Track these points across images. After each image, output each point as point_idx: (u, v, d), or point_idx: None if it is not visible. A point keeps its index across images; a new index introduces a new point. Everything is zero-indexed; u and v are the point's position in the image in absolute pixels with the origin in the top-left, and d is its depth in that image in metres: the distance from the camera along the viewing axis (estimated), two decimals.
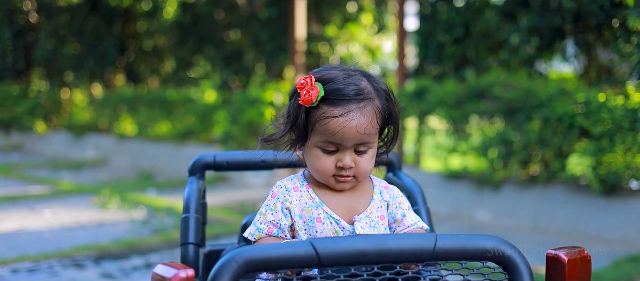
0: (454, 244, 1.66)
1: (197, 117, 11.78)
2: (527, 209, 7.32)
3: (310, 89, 2.05)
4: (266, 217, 2.11)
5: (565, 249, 1.79)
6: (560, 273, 1.76)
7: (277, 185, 2.16)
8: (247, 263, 1.59)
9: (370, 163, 2.12)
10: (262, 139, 2.18)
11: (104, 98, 14.29)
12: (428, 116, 8.52)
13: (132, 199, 8.84)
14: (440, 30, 8.76)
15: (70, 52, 15.27)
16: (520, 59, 8.04)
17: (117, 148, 13.38)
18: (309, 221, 2.09)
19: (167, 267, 1.63)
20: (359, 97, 2.06)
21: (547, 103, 7.04)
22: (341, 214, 2.11)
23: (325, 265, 1.62)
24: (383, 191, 2.21)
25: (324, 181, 2.12)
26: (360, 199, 2.16)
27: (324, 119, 2.05)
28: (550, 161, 7.20)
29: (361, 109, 2.05)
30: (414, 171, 8.54)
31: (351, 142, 2.05)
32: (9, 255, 6.09)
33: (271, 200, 2.13)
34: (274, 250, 1.61)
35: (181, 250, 2.39)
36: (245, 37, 12.42)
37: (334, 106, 2.05)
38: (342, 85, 2.06)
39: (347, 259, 1.63)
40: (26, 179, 10.76)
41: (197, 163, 2.75)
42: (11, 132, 16.12)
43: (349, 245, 1.63)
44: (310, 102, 2.04)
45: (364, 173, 2.11)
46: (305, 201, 2.11)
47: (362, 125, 2.04)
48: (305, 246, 1.62)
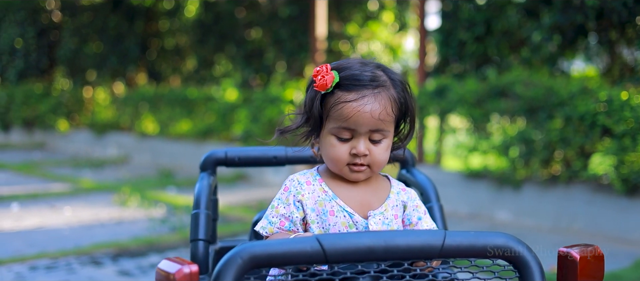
0: (462, 241, 1.63)
1: (217, 115, 11.80)
2: (548, 209, 7.25)
3: (325, 74, 2.04)
4: (278, 210, 2.09)
5: (577, 247, 1.76)
6: (572, 271, 1.72)
7: (290, 178, 2.14)
8: (252, 258, 1.57)
9: (385, 153, 2.09)
10: (279, 131, 2.17)
11: (125, 97, 14.35)
12: (449, 115, 8.46)
13: (152, 197, 8.86)
14: (461, 28, 8.69)
15: (92, 51, 15.35)
16: (542, 57, 7.96)
17: (138, 146, 13.44)
18: (321, 213, 2.06)
19: (171, 262, 1.61)
20: (374, 84, 2.05)
21: (569, 101, 6.96)
22: (355, 208, 2.08)
23: (331, 261, 1.60)
24: (400, 192, 2.18)
25: (338, 171, 2.09)
26: (375, 195, 2.13)
27: (338, 105, 2.03)
28: (572, 161, 7.12)
29: (376, 94, 2.04)
30: (434, 170, 8.49)
31: (365, 127, 2.03)
32: (27, 251, 6.12)
33: (283, 193, 2.11)
34: (280, 245, 1.58)
35: (191, 246, 2.37)
36: (266, 35, 12.42)
37: (348, 91, 2.04)
38: (357, 72, 2.06)
39: (354, 255, 1.60)
40: (48, 177, 10.82)
41: (209, 158, 2.73)
42: (34, 131, 16.24)
43: (356, 241, 1.60)
44: (325, 88, 2.03)
45: (378, 162, 2.08)
46: (318, 194, 2.09)
47: (376, 110, 2.02)
48: (312, 242, 1.59)
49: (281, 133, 2.17)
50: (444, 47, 9.00)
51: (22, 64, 16.28)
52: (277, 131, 2.19)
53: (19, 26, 16.20)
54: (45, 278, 5.38)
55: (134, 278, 5.42)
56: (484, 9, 8.54)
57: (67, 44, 15.51)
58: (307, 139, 2.15)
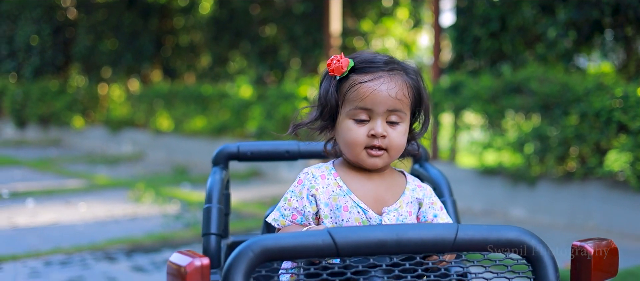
0: (475, 234, 1.62)
1: (232, 112, 11.81)
2: (563, 205, 7.21)
3: (340, 59, 2.05)
4: (291, 203, 2.08)
5: (591, 240, 1.74)
6: (585, 265, 1.70)
7: (304, 171, 2.12)
8: (263, 252, 1.56)
9: (402, 137, 2.07)
10: (294, 125, 2.16)
11: (140, 94, 14.40)
12: (463, 111, 8.43)
13: (166, 194, 8.88)
14: (476, 24, 8.66)
15: (108, 48, 15.41)
16: (558, 53, 7.91)
17: (153, 142, 13.48)
18: (335, 209, 2.04)
19: (182, 255, 1.61)
20: (389, 66, 2.05)
21: (585, 98, 6.92)
22: (369, 204, 2.06)
23: (343, 255, 1.59)
24: (416, 189, 2.15)
25: (355, 157, 2.07)
26: (390, 191, 2.11)
27: (354, 86, 2.03)
28: (587, 157, 7.08)
29: (391, 75, 2.04)
30: (449, 167, 8.47)
31: (382, 107, 2.02)
32: (42, 247, 6.15)
33: (297, 186, 2.09)
34: (291, 239, 1.58)
35: (203, 240, 2.37)
36: (281, 32, 12.42)
37: (364, 73, 2.05)
38: (371, 56, 2.07)
39: (366, 249, 1.59)
40: (63, 174, 10.87)
41: (221, 153, 2.73)
42: (50, 127, 16.32)
43: (368, 235, 1.59)
44: (341, 71, 2.03)
45: (396, 146, 2.06)
46: (333, 189, 2.07)
47: (392, 89, 2.02)
48: (323, 235, 1.58)
49: (296, 128, 2.16)
50: (459, 43, 8.97)
51: (38, 61, 16.35)
52: (291, 126, 2.18)
53: (35, 23, 16.28)
54: (60, 273, 5.40)
55: (147, 274, 5.43)
56: (498, 5, 8.50)
57: (83, 41, 15.57)
58: (322, 132, 2.14)
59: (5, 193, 8.86)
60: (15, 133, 17.19)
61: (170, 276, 1.60)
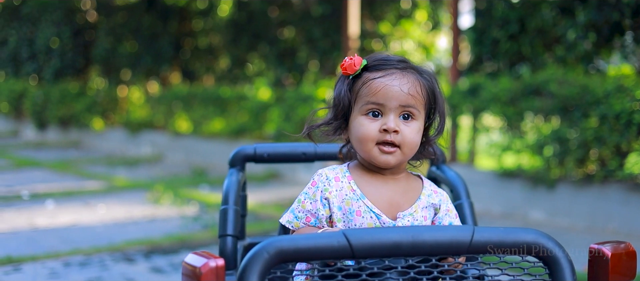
0: (491, 237, 1.61)
1: (250, 114, 11.83)
2: (582, 208, 7.16)
3: (353, 58, 2.05)
4: (304, 206, 2.07)
5: (609, 243, 1.72)
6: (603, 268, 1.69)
7: (318, 173, 2.11)
8: (278, 253, 1.56)
9: (416, 134, 2.05)
10: (309, 127, 2.16)
11: (159, 96, 14.45)
12: (482, 114, 8.39)
13: (185, 195, 8.91)
14: (495, 26, 8.62)
15: (127, 51, 15.48)
16: (577, 55, 7.86)
17: (172, 144, 13.52)
18: (348, 213, 2.03)
19: (197, 256, 1.61)
20: (402, 65, 2.05)
21: (604, 100, 6.87)
22: (383, 209, 2.04)
23: (358, 257, 1.59)
24: (432, 194, 2.14)
25: (367, 154, 2.05)
26: (405, 195, 2.09)
27: (367, 83, 2.04)
28: (607, 160, 7.03)
29: (403, 72, 2.04)
30: (468, 170, 8.44)
31: (395, 102, 2.01)
32: (62, 248, 6.19)
33: (311, 188, 2.08)
34: (307, 240, 1.58)
35: (219, 241, 2.38)
36: (299, 34, 12.43)
37: (376, 71, 2.05)
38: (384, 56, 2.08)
39: (381, 251, 1.59)
40: (82, 175, 10.94)
41: (238, 154, 2.73)
42: (70, 129, 16.42)
43: (383, 237, 1.59)
44: (354, 69, 2.04)
45: (410, 143, 2.04)
46: (346, 193, 2.05)
47: (405, 85, 2.02)
48: (338, 237, 1.58)
49: (310, 129, 2.16)
50: (478, 45, 8.93)
51: (59, 64, 16.46)
52: (306, 127, 2.17)
53: (55, 26, 16.39)
54: (79, 274, 5.43)
55: (165, 275, 5.45)
56: (517, 7, 8.46)
57: (102, 43, 15.66)
58: (336, 133, 2.14)
59: (26, 194, 8.92)
60: (35, 135, 17.31)
61: (185, 277, 1.61)
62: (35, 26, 17.16)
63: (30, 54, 17.43)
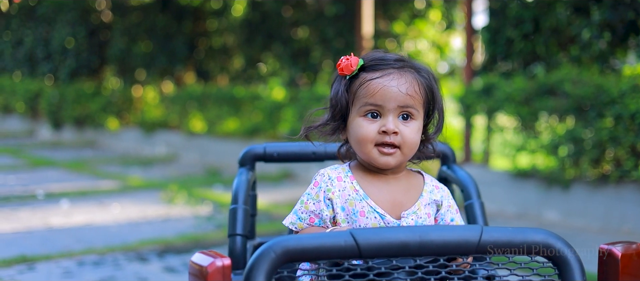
0: (500, 237, 1.60)
1: (264, 114, 11.84)
2: (597, 209, 7.12)
3: (349, 58, 2.03)
4: (308, 206, 2.05)
5: (620, 244, 1.71)
6: (613, 268, 1.67)
7: (320, 173, 2.10)
8: (285, 252, 1.56)
9: (416, 134, 2.03)
10: (306, 128, 2.15)
11: (174, 96, 14.49)
12: (496, 114, 8.36)
13: (199, 195, 8.93)
14: (509, 26, 8.58)
15: (142, 51, 15.53)
16: (592, 54, 7.81)
17: (186, 144, 13.56)
18: (351, 214, 2.01)
19: (204, 256, 1.61)
20: (399, 64, 2.04)
21: (619, 100, 6.82)
22: (387, 209, 2.03)
23: (365, 256, 1.58)
24: (434, 191, 2.12)
25: (367, 155, 2.03)
26: (408, 194, 2.07)
27: (364, 84, 2.02)
28: (623, 160, 6.98)
29: (401, 72, 2.02)
30: (482, 170, 8.41)
31: (393, 102, 1.99)
32: (75, 247, 6.21)
33: (314, 189, 2.07)
34: (313, 239, 1.57)
35: (229, 241, 2.37)
36: (313, 34, 12.43)
37: (373, 71, 2.03)
38: (381, 55, 2.06)
39: (388, 251, 1.58)
40: (97, 175, 10.98)
41: (247, 154, 2.73)
42: (85, 129, 16.49)
43: (391, 236, 1.58)
44: (350, 69, 2.02)
45: (409, 143, 2.02)
46: (349, 193, 2.04)
47: (403, 85, 2.00)
48: (345, 236, 1.58)
49: (307, 130, 2.15)
50: (492, 45, 8.89)
51: (74, 64, 16.53)
52: (303, 129, 2.16)
53: (71, 26, 16.46)
54: (93, 273, 5.45)
55: (179, 275, 5.46)
56: (532, 7, 8.41)
57: (117, 43, 15.71)
58: (334, 134, 2.13)
59: (41, 194, 8.97)
60: (51, 135, 17.40)
61: (192, 276, 1.61)
62: (50, 26, 17.24)
63: (45, 54, 17.52)
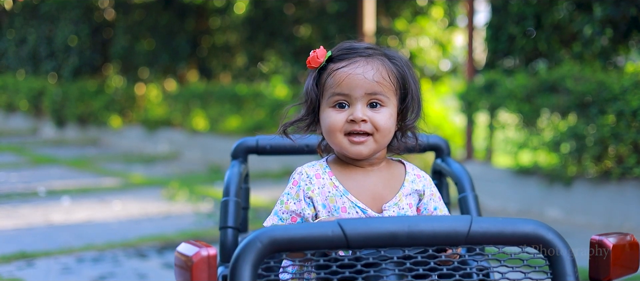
0: (490, 227, 1.58)
1: (267, 112, 11.83)
2: (600, 206, 7.09)
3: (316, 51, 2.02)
4: (288, 206, 2.02)
5: (612, 235, 1.68)
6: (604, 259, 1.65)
7: (298, 172, 2.06)
8: (271, 243, 1.54)
9: (387, 120, 1.99)
10: (283, 125, 2.13)
11: (177, 93, 14.48)
12: (498, 110, 8.33)
13: (200, 192, 8.92)
14: (511, 23, 8.55)
15: (144, 48, 15.52)
16: (594, 51, 7.78)
17: (189, 142, 13.55)
18: (333, 210, 1.98)
19: (190, 245, 1.59)
20: (366, 53, 2.01)
21: (621, 96, 6.79)
22: (368, 203, 2.00)
23: (353, 247, 1.56)
24: (415, 180, 2.08)
25: (338, 145, 2.00)
26: (388, 185, 2.04)
27: (331, 74, 1.99)
28: (625, 157, 6.95)
29: (368, 59, 1.99)
30: (484, 167, 8.38)
31: (360, 91, 1.96)
32: (75, 244, 6.21)
33: (293, 188, 2.04)
34: (300, 229, 1.55)
35: (220, 233, 2.36)
36: (315, 31, 12.41)
37: (340, 61, 2.01)
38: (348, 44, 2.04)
39: (377, 241, 1.56)
40: (99, 172, 10.98)
41: (240, 146, 2.71)
42: (88, 127, 16.49)
43: (379, 227, 1.56)
44: (317, 62, 2.00)
45: (382, 129, 1.98)
46: (329, 190, 2.01)
47: (369, 72, 1.96)
48: (333, 226, 1.56)
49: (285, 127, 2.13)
50: (493, 42, 8.86)
51: (77, 62, 16.53)
52: (280, 126, 2.15)
53: (74, 24, 16.46)
54: (92, 269, 5.45)
55: None
56: (533, 3, 8.38)
57: (120, 41, 15.71)
58: (309, 128, 2.10)
59: (42, 191, 8.97)
60: (54, 133, 17.40)
61: (177, 267, 1.59)
62: (53, 24, 17.25)
63: (49, 52, 17.52)
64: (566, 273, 1.58)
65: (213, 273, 1.53)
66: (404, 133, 2.09)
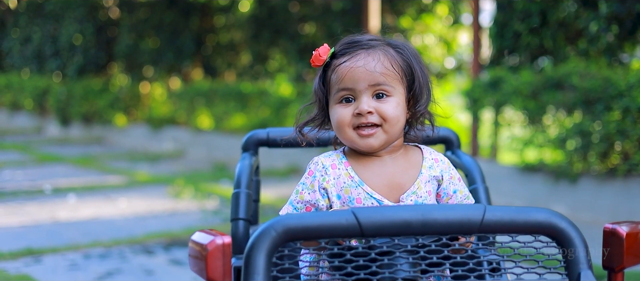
0: (503, 216, 1.58)
1: (271, 110, 11.83)
2: (605, 203, 7.08)
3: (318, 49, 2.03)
4: (302, 197, 2.01)
5: (625, 223, 1.68)
6: (618, 248, 1.64)
7: (314, 162, 2.06)
8: (286, 231, 1.55)
9: (395, 109, 1.98)
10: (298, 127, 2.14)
11: (181, 92, 14.49)
12: (503, 107, 8.32)
13: (206, 190, 8.93)
14: (516, 20, 8.54)
15: (149, 47, 15.53)
16: (600, 48, 7.77)
17: (193, 140, 13.56)
18: (348, 201, 1.98)
19: (204, 234, 1.60)
20: (368, 45, 2.01)
21: (627, 93, 6.79)
22: (384, 194, 1.98)
23: (367, 235, 1.56)
24: (433, 165, 2.06)
25: (349, 140, 2.00)
26: (406, 173, 2.02)
27: (334, 70, 2.00)
28: (631, 153, 6.95)
29: (369, 51, 1.99)
30: (490, 164, 8.38)
31: (363, 83, 1.96)
32: (82, 240, 6.22)
33: (308, 178, 2.03)
34: (314, 218, 1.56)
35: (231, 225, 2.36)
36: (320, 29, 12.41)
37: (342, 56, 2.01)
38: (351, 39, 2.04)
39: (390, 229, 1.56)
40: (104, 170, 10.99)
41: (250, 139, 2.71)
42: (93, 125, 16.50)
43: (393, 215, 1.57)
44: (321, 61, 2.01)
45: (390, 118, 1.97)
46: (344, 180, 2.00)
47: (370, 63, 1.96)
48: (347, 215, 1.56)
49: (299, 128, 2.14)
50: (499, 39, 8.86)
51: (81, 60, 16.55)
52: (295, 128, 2.15)
53: (78, 23, 16.48)
54: (99, 266, 5.46)
55: (184, 267, 5.46)
56: (539, 0, 8.37)
57: (125, 40, 15.72)
58: (321, 127, 2.11)
59: (48, 189, 8.98)
60: (59, 131, 17.42)
61: (191, 257, 1.59)
62: (58, 23, 17.27)
63: (53, 51, 17.54)
64: (580, 261, 1.59)
65: (227, 262, 1.54)
66: (417, 121, 2.09)
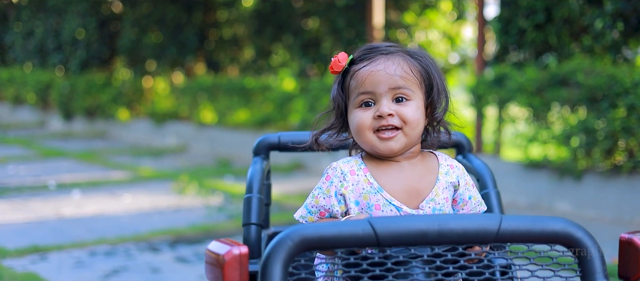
0: (519, 225, 1.58)
1: (275, 105, 11.83)
2: (610, 200, 7.08)
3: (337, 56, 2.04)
4: (318, 201, 2.02)
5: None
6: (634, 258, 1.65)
7: (333, 167, 2.06)
8: (302, 241, 1.55)
9: (415, 112, 1.99)
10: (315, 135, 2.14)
11: (184, 86, 14.48)
12: (508, 104, 8.32)
13: (210, 186, 8.93)
14: (521, 16, 8.53)
15: (152, 41, 15.52)
16: (605, 45, 7.76)
17: (197, 135, 13.56)
18: (366, 208, 1.98)
19: (221, 244, 1.60)
20: (387, 50, 2.02)
21: (632, 90, 6.78)
22: (403, 200, 1.99)
23: (383, 245, 1.57)
24: (449, 171, 2.08)
25: (369, 146, 2.01)
26: (423, 180, 2.03)
27: (354, 75, 2.01)
28: (635, 150, 6.94)
29: (388, 56, 2.01)
30: (493, 160, 8.37)
31: (383, 86, 1.97)
32: (87, 237, 6.23)
33: (325, 183, 2.03)
34: (331, 228, 1.56)
35: (243, 230, 2.36)
36: (323, 25, 12.39)
37: (361, 62, 2.03)
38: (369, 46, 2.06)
39: (407, 239, 1.56)
40: (108, 166, 11.00)
41: (262, 143, 2.71)
42: (95, 120, 16.51)
43: (409, 225, 1.57)
44: (340, 67, 2.02)
45: (410, 121, 1.98)
46: (363, 186, 2.00)
47: (390, 67, 1.97)
48: (363, 225, 1.56)
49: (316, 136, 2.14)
50: (503, 35, 8.85)
51: (84, 55, 16.54)
52: (312, 136, 2.16)
53: (81, 17, 16.47)
54: (104, 263, 5.47)
55: (190, 264, 5.47)
56: None
57: (128, 34, 15.71)
58: (340, 134, 2.11)
59: (52, 184, 8.99)
60: (62, 126, 17.43)
61: (208, 265, 1.60)
62: (61, 17, 17.25)
63: (56, 45, 17.54)
64: (595, 271, 1.59)
65: (244, 272, 1.54)
66: (435, 128, 2.10)
